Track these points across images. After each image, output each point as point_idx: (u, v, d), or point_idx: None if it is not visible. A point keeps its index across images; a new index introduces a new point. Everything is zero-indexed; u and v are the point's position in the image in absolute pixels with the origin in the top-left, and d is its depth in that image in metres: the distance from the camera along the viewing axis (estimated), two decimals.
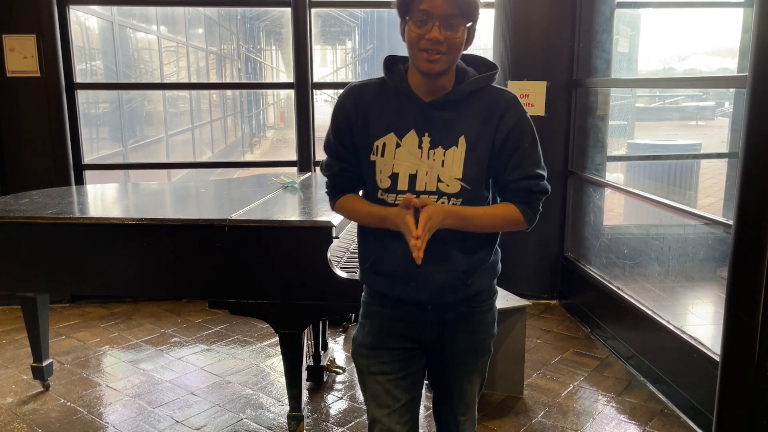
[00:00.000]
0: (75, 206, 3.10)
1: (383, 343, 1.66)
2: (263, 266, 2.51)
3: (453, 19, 1.39)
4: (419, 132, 1.50)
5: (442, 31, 1.39)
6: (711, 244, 3.99)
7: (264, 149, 16.81)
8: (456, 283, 1.57)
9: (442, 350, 1.68)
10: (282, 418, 2.92)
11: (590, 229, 4.21)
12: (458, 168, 1.49)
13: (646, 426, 2.88)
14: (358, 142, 1.57)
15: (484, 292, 1.66)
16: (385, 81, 1.57)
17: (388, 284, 1.62)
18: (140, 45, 10.65)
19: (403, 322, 1.64)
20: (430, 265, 1.48)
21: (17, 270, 2.75)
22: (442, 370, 1.72)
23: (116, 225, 2.66)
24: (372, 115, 1.55)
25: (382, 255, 1.59)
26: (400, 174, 1.51)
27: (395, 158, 1.51)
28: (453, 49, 1.43)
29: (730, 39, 5.37)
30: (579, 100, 4.18)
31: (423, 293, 1.58)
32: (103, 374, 3.45)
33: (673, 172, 6.02)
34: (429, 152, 1.50)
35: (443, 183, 1.50)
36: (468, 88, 1.51)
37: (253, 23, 18.66)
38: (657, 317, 3.20)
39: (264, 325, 3.74)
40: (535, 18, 4.15)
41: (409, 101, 1.52)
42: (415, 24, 1.41)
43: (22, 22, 4.13)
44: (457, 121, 1.50)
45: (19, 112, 4.25)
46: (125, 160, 8.30)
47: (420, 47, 1.41)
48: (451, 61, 1.46)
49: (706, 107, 15.49)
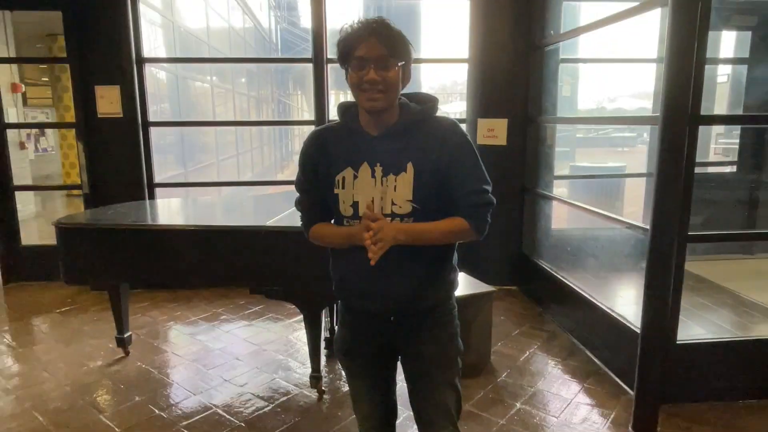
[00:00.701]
0: (148, 216, 3.11)
1: (356, 350, 1.54)
2: (291, 261, 2.51)
3: (386, 60, 1.29)
4: (371, 163, 1.37)
5: (378, 72, 1.29)
6: (633, 243, 3.99)
7: (292, 170, 16.82)
8: (412, 294, 1.42)
9: (408, 359, 1.52)
10: (306, 378, 2.92)
11: (542, 231, 4.21)
12: (408, 190, 1.35)
13: (585, 383, 2.88)
14: (322, 179, 1.44)
15: (442, 306, 1.50)
16: (340, 125, 1.46)
17: (354, 299, 1.50)
18: (197, 91, 10.68)
19: (371, 331, 1.51)
20: (388, 278, 1.39)
21: (106, 264, 2.76)
22: (413, 386, 1.53)
23: (179, 230, 2.67)
24: (332, 153, 1.42)
25: (347, 273, 1.47)
26: (359, 202, 1.38)
27: (354, 188, 1.39)
28: (390, 87, 1.31)
29: (647, 86, 5.40)
30: (532, 133, 4.19)
31: (384, 305, 1.44)
32: (169, 343, 3.45)
33: (604, 187, 6.04)
34: (382, 179, 1.36)
35: (396, 205, 1.37)
36: (409, 118, 1.38)
37: (283, 75, 18.76)
38: (592, 299, 3.21)
39: (292, 307, 3.73)
40: (498, 70, 4.15)
41: (360, 138, 1.40)
42: (354, 70, 1.31)
43: (109, 77, 4.15)
44: (403, 150, 1.37)
45: (107, 144, 4.27)
46: (186, 180, 8.31)
47: (361, 89, 1.31)
48: (390, 99, 1.34)
49: (629, 137, 15.50)
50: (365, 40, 1.29)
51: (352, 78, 1.32)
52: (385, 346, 1.52)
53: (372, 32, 1.29)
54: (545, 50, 4.01)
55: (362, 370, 1.55)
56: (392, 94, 1.33)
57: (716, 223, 4.29)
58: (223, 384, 2.89)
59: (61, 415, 2.59)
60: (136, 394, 2.78)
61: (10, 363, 3.17)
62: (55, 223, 2.79)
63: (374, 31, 1.29)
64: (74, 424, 2.52)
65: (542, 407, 2.64)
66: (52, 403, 2.71)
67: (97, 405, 2.69)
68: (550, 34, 3.96)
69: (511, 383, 2.87)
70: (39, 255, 4.67)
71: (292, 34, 17.45)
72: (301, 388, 2.83)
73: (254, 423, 2.52)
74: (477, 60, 4.17)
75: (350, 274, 1.47)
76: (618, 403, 2.66)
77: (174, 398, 2.75)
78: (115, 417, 2.58)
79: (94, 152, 4.28)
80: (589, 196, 5.84)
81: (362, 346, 1.53)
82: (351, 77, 1.33)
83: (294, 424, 2.51)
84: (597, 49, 5.09)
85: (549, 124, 4.11)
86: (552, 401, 2.69)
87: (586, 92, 6.01)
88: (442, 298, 1.49)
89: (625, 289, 4.14)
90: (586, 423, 2.50)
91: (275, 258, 2.52)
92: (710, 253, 4.60)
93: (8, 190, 4.62)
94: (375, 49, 1.28)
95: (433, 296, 1.47)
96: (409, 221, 1.37)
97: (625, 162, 8.62)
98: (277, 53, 17.29)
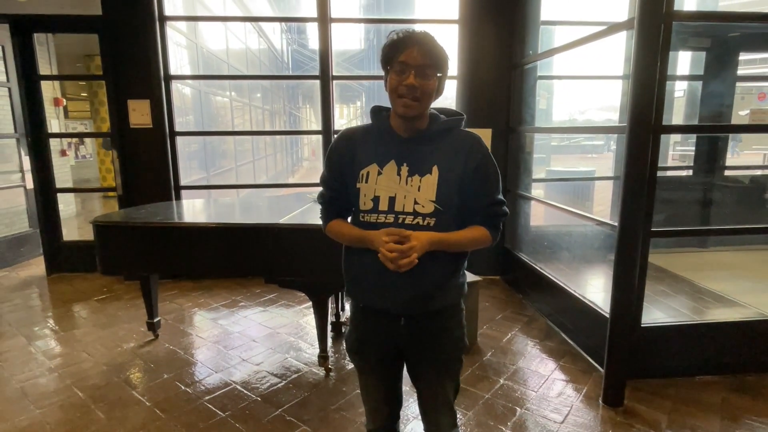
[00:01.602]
0: (175, 214, 3.09)
1: (365, 349, 1.45)
2: (301, 255, 2.50)
3: (426, 69, 1.24)
4: (398, 162, 1.30)
5: (417, 79, 1.23)
6: (602, 238, 3.99)
7: (301, 174, 16.78)
8: (424, 295, 1.33)
9: (415, 356, 1.43)
10: (314, 357, 2.91)
11: (522, 228, 4.20)
12: (432, 192, 1.28)
13: (560, 361, 2.87)
14: (346, 174, 1.36)
15: (451, 308, 1.41)
16: (371, 125, 1.38)
17: (367, 297, 1.38)
18: (218, 105, 10.64)
19: (379, 332, 1.41)
20: (402, 279, 1.29)
21: (138, 257, 2.75)
22: (417, 375, 1.46)
23: (203, 227, 2.66)
24: (359, 150, 1.34)
25: (361, 272, 1.37)
26: (380, 197, 1.30)
27: (377, 183, 1.30)
28: (425, 95, 1.26)
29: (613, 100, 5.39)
30: (513, 141, 4.18)
31: (395, 304, 1.34)
32: (193, 327, 3.43)
33: (576, 189, 6.03)
34: (407, 179, 1.29)
35: (419, 205, 1.29)
36: (440, 126, 1.33)
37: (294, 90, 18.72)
38: (566, 287, 3.20)
39: (302, 295, 3.73)
40: (484, 86, 4.14)
41: (390, 138, 1.33)
42: (395, 73, 1.25)
43: (140, 92, 4.13)
44: (430, 154, 1.31)
45: (138, 151, 4.24)
46: (208, 183, 8.29)
47: (399, 93, 1.25)
48: (424, 107, 1.28)
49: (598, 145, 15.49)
50: (409, 47, 1.24)
51: (392, 81, 1.26)
52: (393, 346, 1.42)
53: (417, 42, 1.24)
54: (524, 68, 3.99)
55: (371, 368, 1.47)
56: (426, 103, 1.28)
57: (675, 220, 4.29)
58: (241, 363, 2.89)
59: (98, 391, 2.58)
60: (164, 372, 2.77)
61: (54, 345, 3.15)
62: (93, 222, 2.77)
63: (419, 41, 1.24)
64: (110, 399, 2.50)
65: (522, 383, 2.63)
66: (91, 380, 2.70)
67: (130, 382, 2.68)
68: (529, 53, 3.94)
69: (495, 362, 2.86)
70: (78, 249, 4.65)
71: (301, 55, 17.41)
72: (310, 367, 2.82)
73: (269, 397, 2.51)
74: (465, 77, 4.16)
75: (364, 273, 1.36)
76: (589, 378, 2.66)
77: (198, 376, 2.74)
78: (146, 392, 2.56)
79: (127, 159, 4.25)
80: (563, 197, 5.84)
81: (371, 346, 1.44)
82: (391, 80, 1.27)
83: (304, 398, 2.50)
84: (570, 68, 5.08)
85: (528, 133, 4.09)
86: (531, 377, 2.69)
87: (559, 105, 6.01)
88: (451, 301, 1.40)
89: (595, 279, 4.14)
90: (561, 397, 2.50)
91: (287, 252, 2.51)
92: (670, 246, 4.60)
93: (51, 192, 4.60)
94: (417, 58, 1.23)
95: (444, 299, 1.37)
96: (431, 221, 1.29)
97: (595, 167, 8.61)
98: (289, 71, 17.23)
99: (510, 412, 2.35)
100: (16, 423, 2.31)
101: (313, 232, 2.47)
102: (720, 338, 2.60)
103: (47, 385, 2.64)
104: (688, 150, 7.38)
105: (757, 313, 2.96)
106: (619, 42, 4.41)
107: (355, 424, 2.27)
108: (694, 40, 4.51)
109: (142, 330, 3.30)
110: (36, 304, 3.91)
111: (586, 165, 10.58)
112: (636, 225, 2.28)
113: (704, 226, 4.49)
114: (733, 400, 2.43)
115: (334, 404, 2.44)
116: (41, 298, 4.06)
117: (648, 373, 2.59)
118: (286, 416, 2.34)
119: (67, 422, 2.31)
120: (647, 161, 2.22)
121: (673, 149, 9.31)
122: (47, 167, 4.54)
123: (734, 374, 2.63)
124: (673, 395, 2.47)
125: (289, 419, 2.32)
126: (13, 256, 5.16)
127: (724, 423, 2.25)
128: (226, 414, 2.36)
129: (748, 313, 3.08)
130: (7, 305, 3.87)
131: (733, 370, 2.63)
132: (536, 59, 3.88)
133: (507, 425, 2.26)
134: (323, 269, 2.47)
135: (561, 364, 2.83)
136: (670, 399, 2.44)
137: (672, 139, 6.11)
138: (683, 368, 2.62)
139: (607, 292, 2.48)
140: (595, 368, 2.75)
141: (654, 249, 2.36)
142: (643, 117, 2.18)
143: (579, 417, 2.32)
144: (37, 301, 3.99)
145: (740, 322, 2.66)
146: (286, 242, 2.49)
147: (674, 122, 4.86)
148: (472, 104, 4.17)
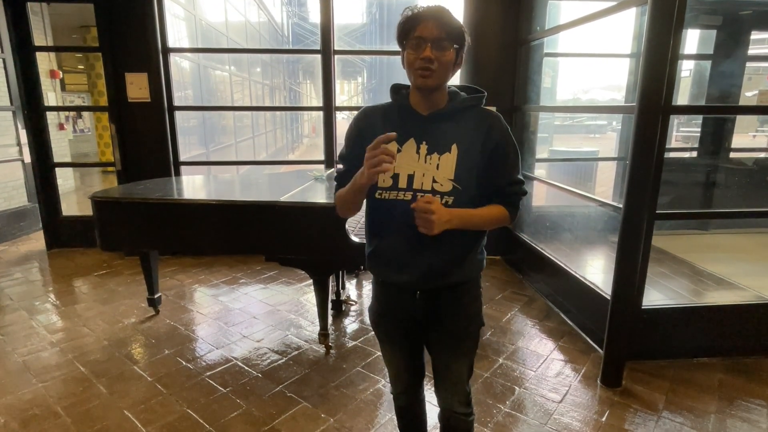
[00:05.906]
0: (174, 191, 3.06)
1: (385, 321, 1.48)
2: (302, 233, 2.48)
3: (442, 42, 1.21)
4: (417, 140, 1.28)
5: (433, 51, 1.21)
6: (605, 219, 3.97)
7: (301, 151, 16.68)
8: (443, 268, 1.33)
9: (431, 329, 1.43)
10: (314, 335, 2.92)
11: (523, 208, 4.18)
12: (451, 170, 1.26)
13: (559, 341, 2.88)
14: (365, 149, 1.35)
15: (469, 283, 1.40)
16: (390, 104, 1.36)
17: (386, 271, 1.39)
18: (217, 79, 10.49)
19: (397, 306, 1.42)
20: (422, 254, 1.30)
21: (137, 234, 2.72)
22: (433, 349, 1.48)
23: (202, 204, 2.63)
24: (378, 126, 1.31)
25: (382, 245, 1.37)
26: (400, 174, 1.29)
27: (396, 161, 1.25)
28: (442, 67, 1.23)
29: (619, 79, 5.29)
30: (518, 120, 4.12)
31: (413, 277, 1.33)
32: (194, 303, 3.44)
33: (579, 169, 5.99)
34: (426, 157, 1.27)
35: (438, 183, 1.27)
36: (460, 104, 1.30)
37: (294, 65, 18.43)
38: (567, 268, 3.19)
39: (302, 273, 3.73)
40: (488, 63, 4.06)
41: (410, 115, 1.31)
42: (411, 48, 1.23)
43: (138, 64, 4.05)
44: (450, 131, 1.28)
45: (137, 126, 4.18)
46: (208, 159, 8.22)
47: (416, 67, 1.23)
48: (441, 78, 1.25)
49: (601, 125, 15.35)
50: (424, 21, 1.21)
51: (409, 56, 1.23)
52: (411, 319, 1.43)
53: (431, 15, 1.22)
54: (531, 45, 3.90)
55: (391, 339, 1.50)
56: (444, 74, 1.25)
57: (678, 203, 4.26)
58: (242, 339, 2.90)
59: (100, 366, 2.60)
60: (165, 348, 2.78)
61: (55, 319, 3.16)
62: (91, 197, 2.74)
63: (434, 14, 1.22)
64: (111, 374, 2.52)
65: (521, 362, 2.64)
66: (92, 355, 2.71)
67: (132, 357, 2.69)
68: (536, 30, 3.84)
69: (495, 341, 2.87)
70: (78, 224, 4.64)
71: (302, 28, 17.08)
72: (310, 344, 2.83)
73: (270, 374, 2.53)
74: (470, 53, 4.05)
75: (385, 247, 1.36)
76: (588, 359, 2.67)
77: (199, 351, 2.75)
78: (147, 368, 2.58)
79: (126, 133, 4.20)
80: (565, 177, 5.79)
81: (389, 319, 1.46)
82: (408, 56, 1.24)
83: (304, 375, 2.52)
84: (575, 45, 4.96)
85: (533, 112, 4.03)
86: (530, 357, 2.70)
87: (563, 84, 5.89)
88: (468, 277, 1.39)
89: (596, 260, 4.13)
90: (560, 377, 2.51)
91: (288, 229, 2.48)
92: (671, 228, 4.59)
93: (49, 166, 4.56)
94: (433, 30, 1.21)
95: (461, 274, 1.36)
96: (450, 200, 1.27)
97: (598, 147, 8.54)
98: (289, 45, 16.94)
99: (509, 391, 2.37)
100: (19, 396, 2.33)
101: (315, 210, 2.45)
102: (719, 321, 2.61)
103: (49, 359, 2.66)
104: (692, 131, 7.30)
105: (757, 297, 2.97)
106: (628, 19, 4.30)
107: (355, 401, 2.29)
108: (705, 18, 4.39)
109: (142, 306, 3.31)
110: (37, 279, 3.91)
111: (589, 145, 10.49)
112: (641, 207, 2.25)
113: (708, 209, 4.46)
114: (729, 381, 2.44)
115: (334, 381, 2.45)
116: (42, 272, 4.06)
117: (647, 354, 2.60)
118: (287, 392, 2.36)
119: (70, 395, 2.33)
120: (656, 142, 2.17)
121: (677, 130, 9.20)
122: (44, 141, 4.49)
123: (732, 356, 2.64)
124: (671, 376, 2.48)
125: (289, 395, 2.33)
126: (12, 230, 5.15)
127: (721, 404, 2.27)
128: (227, 390, 2.38)
129: (747, 296, 3.08)
130: (7, 279, 3.87)
131: (731, 352, 2.65)
132: (544, 35, 3.78)
133: (506, 404, 2.27)
134: (324, 248, 2.46)
135: (560, 344, 2.84)
136: (668, 380, 2.45)
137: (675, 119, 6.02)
138: (682, 350, 2.63)
139: (607, 273, 2.47)
140: (594, 349, 2.77)
141: (655, 231, 2.33)
142: (653, 97, 2.13)
143: (577, 397, 2.34)
144: (38, 275, 4.00)
145: (739, 305, 2.66)
146: (288, 220, 2.47)
147: (680, 103, 4.78)
148: (477, 81, 4.08)
